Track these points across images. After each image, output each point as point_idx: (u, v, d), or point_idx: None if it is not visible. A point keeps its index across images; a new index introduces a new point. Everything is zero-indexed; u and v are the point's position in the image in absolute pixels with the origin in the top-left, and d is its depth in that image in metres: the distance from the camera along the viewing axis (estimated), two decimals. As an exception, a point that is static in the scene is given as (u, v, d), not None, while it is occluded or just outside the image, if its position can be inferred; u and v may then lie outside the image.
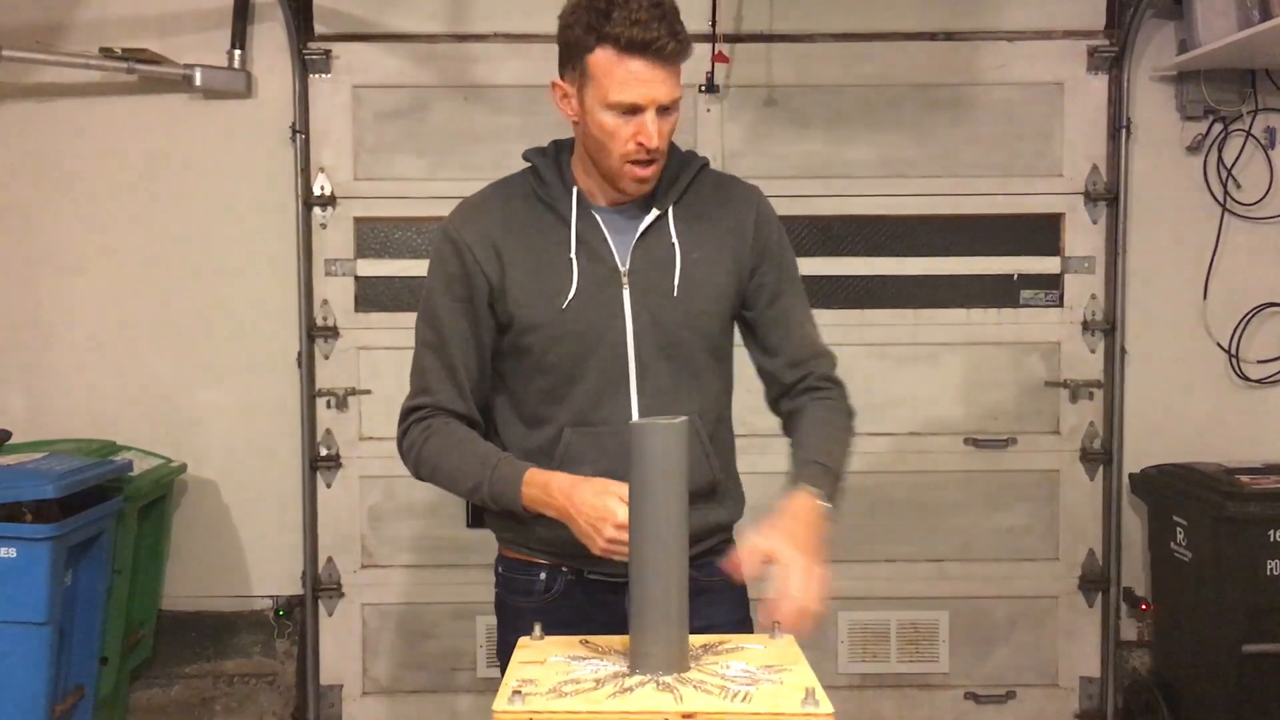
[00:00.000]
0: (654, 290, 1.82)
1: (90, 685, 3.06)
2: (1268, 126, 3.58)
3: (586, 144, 1.80)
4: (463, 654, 3.63)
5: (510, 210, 1.87)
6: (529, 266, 1.82)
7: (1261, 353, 3.64)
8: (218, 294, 3.58)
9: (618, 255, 1.83)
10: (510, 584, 1.97)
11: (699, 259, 1.85)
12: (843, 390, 1.94)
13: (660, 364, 1.83)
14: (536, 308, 1.81)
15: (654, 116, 1.72)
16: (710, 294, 1.86)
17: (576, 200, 1.83)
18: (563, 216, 1.83)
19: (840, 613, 3.61)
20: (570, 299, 1.80)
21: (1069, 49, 3.58)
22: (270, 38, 3.53)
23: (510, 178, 1.94)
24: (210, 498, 3.61)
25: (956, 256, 3.60)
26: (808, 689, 1.38)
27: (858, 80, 3.56)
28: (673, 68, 1.72)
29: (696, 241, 1.86)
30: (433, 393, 1.87)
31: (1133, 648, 3.66)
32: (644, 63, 1.69)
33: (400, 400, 3.71)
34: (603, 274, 1.82)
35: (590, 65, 1.72)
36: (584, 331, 1.81)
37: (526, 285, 1.82)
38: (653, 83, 1.70)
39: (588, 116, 1.76)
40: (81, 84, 3.51)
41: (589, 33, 1.71)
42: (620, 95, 1.70)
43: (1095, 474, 3.65)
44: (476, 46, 3.55)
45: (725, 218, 1.89)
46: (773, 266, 1.91)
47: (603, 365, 1.82)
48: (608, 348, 1.81)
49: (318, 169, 3.55)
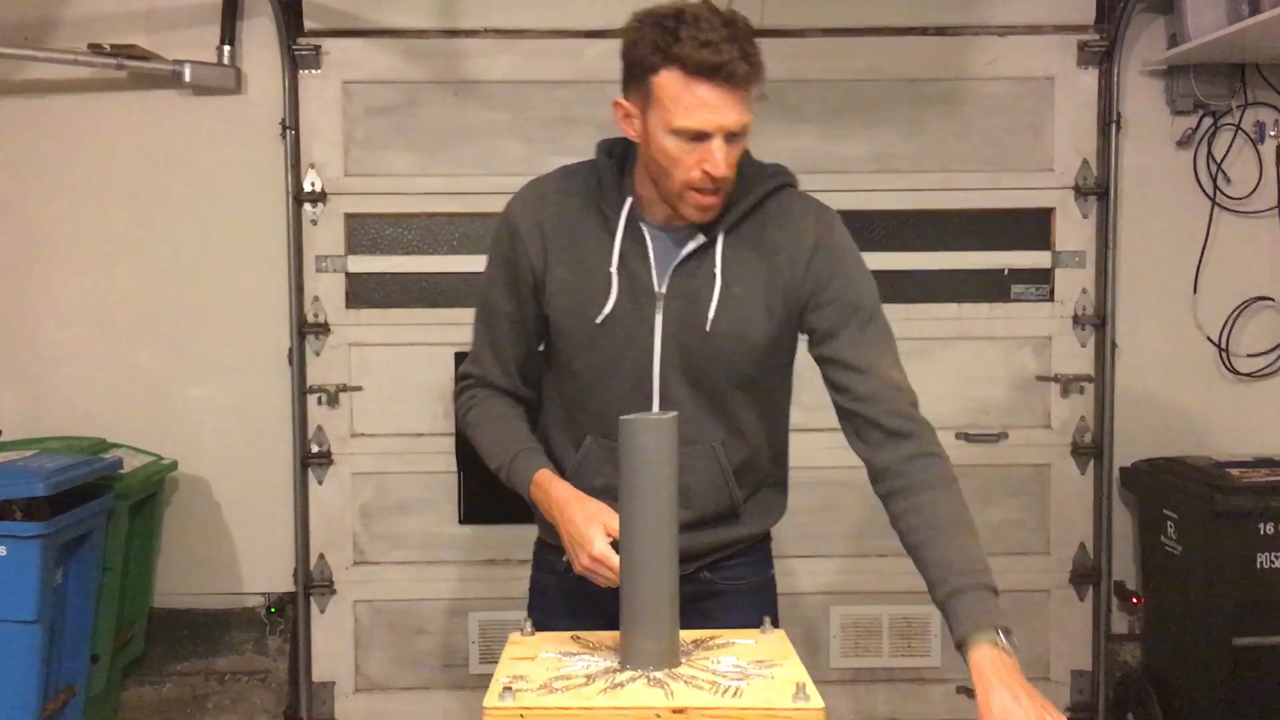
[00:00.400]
0: (686, 319, 1.75)
1: (81, 683, 3.05)
2: (1257, 121, 3.59)
3: (649, 166, 1.72)
4: (455, 650, 3.63)
5: (567, 206, 1.81)
6: (570, 270, 1.79)
7: (1251, 346, 3.65)
8: (208, 291, 3.57)
9: (656, 276, 1.76)
10: (540, 562, 2.01)
11: (740, 293, 1.75)
12: (932, 437, 1.76)
13: (684, 390, 1.78)
14: (569, 313, 1.79)
15: (721, 144, 1.62)
16: (745, 332, 1.76)
17: (628, 212, 1.76)
18: (610, 227, 1.77)
19: (832, 607, 3.62)
20: (605, 314, 1.76)
21: (1059, 43, 3.58)
22: (260, 33, 3.52)
23: (578, 167, 1.87)
24: (202, 495, 3.60)
25: (948, 251, 3.60)
26: (798, 684, 1.38)
27: (849, 75, 3.56)
28: (744, 91, 1.62)
29: (741, 274, 1.76)
30: (480, 364, 1.91)
31: (1124, 641, 3.67)
32: (712, 87, 1.59)
33: (391, 397, 3.72)
34: (638, 293, 1.76)
35: (655, 87, 1.62)
36: (611, 347, 1.77)
37: (564, 288, 1.79)
38: (721, 109, 1.60)
39: (651, 140, 1.67)
40: (70, 80, 3.49)
41: (655, 52, 1.60)
42: (686, 121, 1.61)
43: (1086, 468, 3.66)
44: (467, 42, 3.54)
45: (780, 251, 1.77)
46: (834, 304, 1.77)
47: (626, 384, 1.78)
48: (633, 366, 1.78)
49: (308, 165, 3.54)
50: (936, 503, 1.69)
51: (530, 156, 3.53)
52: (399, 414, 3.59)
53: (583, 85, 3.51)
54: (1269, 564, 3.07)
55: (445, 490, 3.58)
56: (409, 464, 3.59)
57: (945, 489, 1.71)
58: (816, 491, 3.44)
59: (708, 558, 1.88)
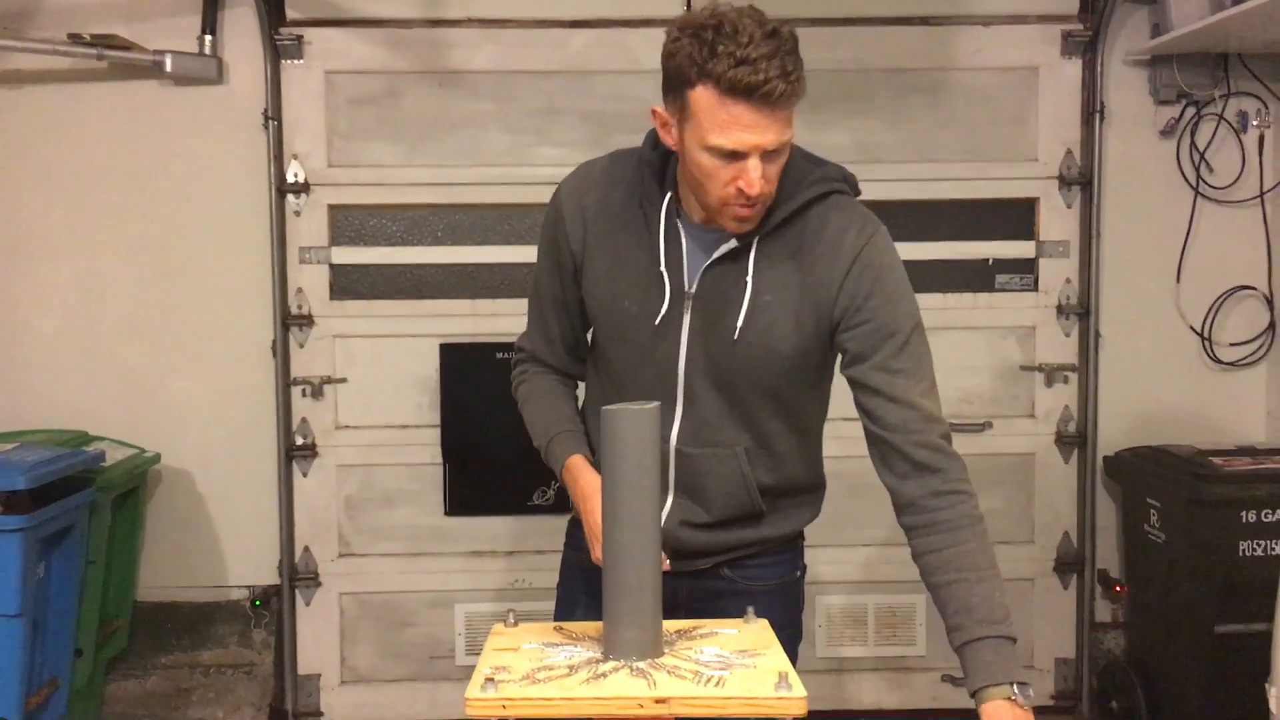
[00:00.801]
0: (714, 324, 1.72)
1: (65, 677, 3.04)
2: (1240, 110, 3.60)
3: (686, 176, 1.68)
4: (441, 642, 3.62)
5: (612, 195, 1.78)
6: (607, 260, 1.78)
7: (1234, 335, 3.66)
8: (191, 283, 3.55)
9: (688, 275, 1.73)
10: (573, 539, 2.00)
11: (770, 303, 1.70)
12: (962, 473, 1.71)
13: (709, 394, 1.75)
14: (603, 303, 1.79)
15: (757, 163, 1.56)
16: (772, 344, 1.71)
17: (666, 209, 1.72)
18: (649, 222, 1.74)
19: (818, 597, 3.62)
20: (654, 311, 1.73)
21: (1043, 33, 3.58)
22: (241, 23, 3.50)
23: (628, 154, 1.81)
24: (185, 488, 3.59)
25: (932, 241, 3.60)
26: (781, 673, 1.38)
27: (833, 65, 3.55)
28: (783, 110, 1.55)
29: (774, 282, 1.70)
30: (531, 340, 1.95)
31: (1107, 629, 3.69)
32: (749, 107, 1.52)
33: (376, 389, 3.71)
34: (670, 292, 1.73)
35: (691, 101, 1.56)
36: (641, 342, 1.77)
37: (600, 277, 1.79)
38: (758, 129, 1.54)
39: (687, 154, 1.62)
40: (50, 71, 3.47)
41: (691, 66, 1.54)
42: (720, 140, 1.55)
43: (1070, 457, 3.67)
44: (451, 32, 3.52)
45: (815, 265, 1.71)
46: (868, 329, 1.70)
47: (652, 380, 1.77)
48: (659, 364, 1.76)
49: (291, 156, 3.52)
50: (960, 544, 1.67)
51: (514, 147, 3.52)
52: (384, 406, 3.58)
53: (567, 75, 3.51)
54: (1251, 552, 3.09)
55: (431, 482, 3.58)
56: (394, 456, 3.58)
57: (971, 530, 1.68)
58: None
59: (729, 554, 1.87)
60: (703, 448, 1.75)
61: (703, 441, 1.76)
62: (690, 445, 1.77)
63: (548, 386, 1.93)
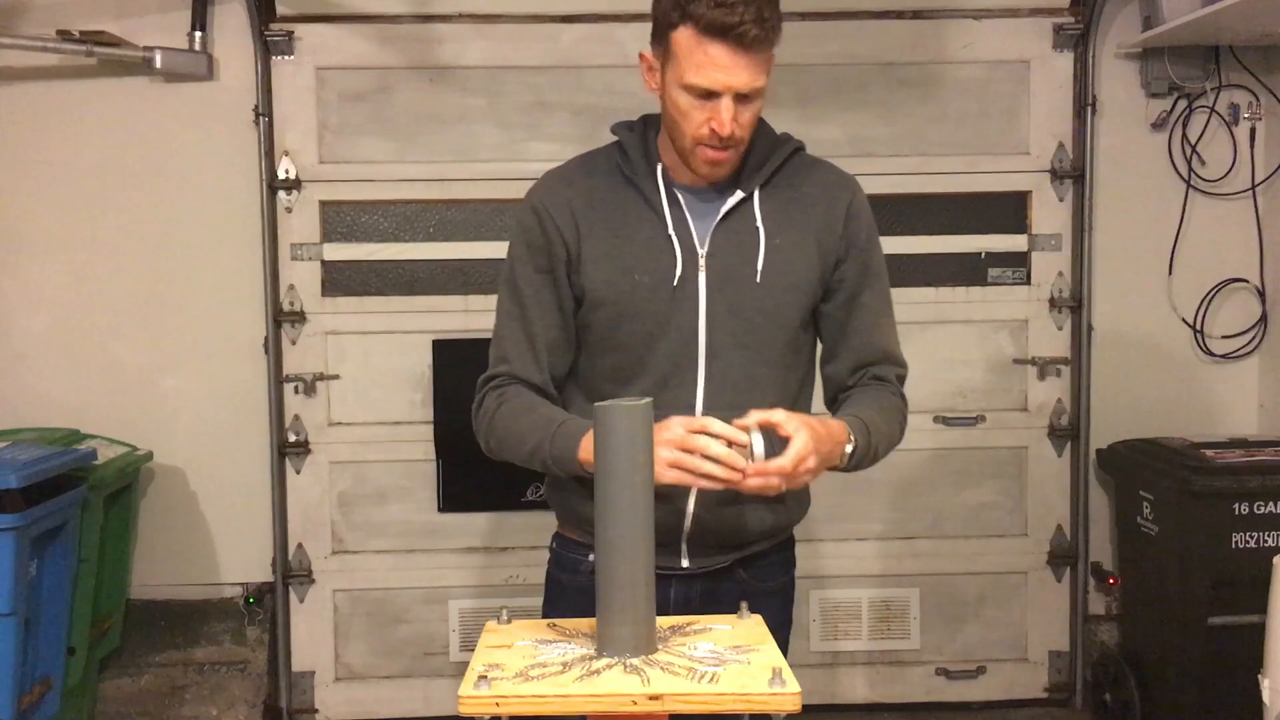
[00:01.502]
0: (734, 275, 1.77)
1: (58, 676, 3.03)
2: (1231, 103, 3.60)
3: (665, 120, 1.76)
4: (435, 638, 3.62)
5: (593, 184, 1.82)
6: (607, 239, 1.78)
7: (1225, 328, 3.67)
8: (182, 280, 3.54)
9: (697, 237, 1.77)
10: (561, 560, 1.95)
11: (782, 244, 1.78)
12: (899, 391, 1.87)
13: (733, 353, 1.78)
14: (610, 282, 1.78)
15: (729, 104, 1.65)
16: (793, 282, 1.79)
17: (662, 178, 1.79)
18: (645, 194, 1.79)
19: (812, 591, 3.63)
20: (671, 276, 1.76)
21: (1034, 27, 3.58)
22: (231, 19, 3.48)
23: (595, 152, 1.88)
24: (178, 485, 3.58)
25: (924, 235, 3.61)
26: (775, 669, 1.38)
27: (825, 59, 3.55)
28: (756, 54, 1.63)
29: (781, 226, 1.79)
30: (510, 361, 1.82)
31: (1101, 621, 3.70)
32: (724, 47, 1.61)
33: (369, 386, 3.70)
34: (681, 255, 1.77)
35: (673, 42, 1.66)
36: (656, 312, 1.77)
37: (602, 257, 1.78)
38: (731, 69, 1.63)
39: (666, 94, 1.71)
40: (39, 67, 3.45)
41: (675, 8, 1.64)
42: (695, 78, 1.64)
43: (1063, 450, 3.68)
44: (441, 27, 3.51)
45: (816, 204, 1.82)
46: (857, 262, 1.83)
47: (672, 349, 1.77)
48: (678, 331, 1.77)
49: (282, 152, 3.51)
50: (866, 390, 1.85)
51: (506, 142, 3.51)
52: (376, 402, 3.58)
53: (558, 70, 3.50)
54: (1243, 544, 3.10)
55: (424, 478, 3.57)
56: (387, 452, 3.58)
57: (878, 390, 1.84)
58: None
59: (747, 548, 1.87)
60: (729, 410, 1.73)
61: (729, 403, 1.75)
62: (717, 407, 1.75)
63: (538, 400, 1.80)
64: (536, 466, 1.76)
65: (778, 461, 1.57)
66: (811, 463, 1.59)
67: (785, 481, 1.59)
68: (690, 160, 1.74)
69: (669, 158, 1.80)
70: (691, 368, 1.78)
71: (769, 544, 1.90)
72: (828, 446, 1.66)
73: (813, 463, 1.60)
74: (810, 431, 1.60)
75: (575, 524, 1.90)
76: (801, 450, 1.57)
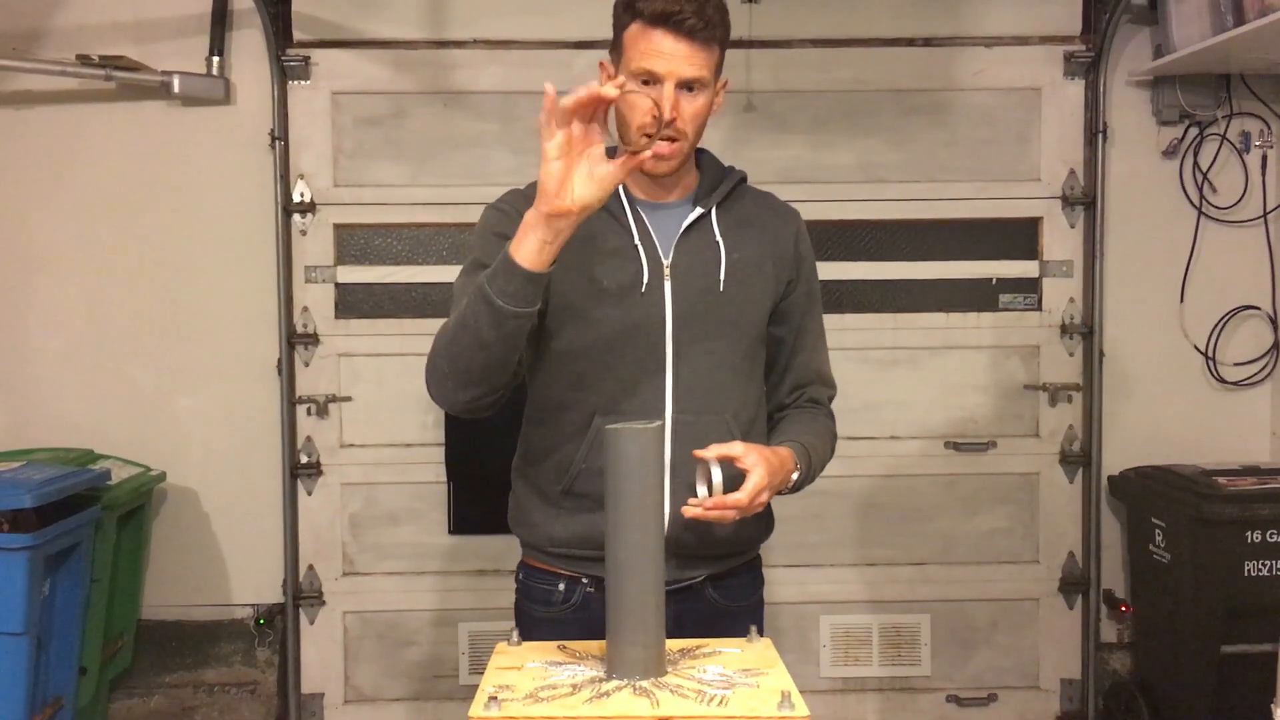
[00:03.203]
0: (697, 284, 1.84)
1: (69, 696, 3.04)
2: (1243, 131, 3.61)
3: (617, 121, 1.78)
4: (445, 661, 3.62)
5: None
6: (571, 251, 1.74)
7: (1238, 355, 3.66)
8: (197, 301, 3.56)
9: (661, 247, 1.84)
10: (530, 592, 1.94)
11: (740, 260, 1.86)
12: (830, 414, 2.00)
13: (700, 358, 1.83)
14: (576, 289, 1.80)
15: (671, 90, 1.73)
16: (752, 294, 1.88)
17: (623, 192, 1.84)
18: (608, 207, 1.81)
19: (822, 616, 3.62)
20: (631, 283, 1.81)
21: (1045, 54, 3.60)
22: (249, 44, 3.52)
23: None
24: (190, 506, 3.60)
25: (935, 261, 3.61)
26: (784, 692, 1.38)
27: (836, 86, 3.57)
28: (697, 45, 1.73)
29: (738, 243, 1.87)
30: None
31: (1113, 649, 3.68)
32: (667, 34, 1.72)
33: (380, 408, 3.71)
34: (647, 263, 1.82)
35: (624, 40, 1.77)
36: (623, 318, 1.81)
37: (568, 269, 1.77)
38: (673, 56, 1.72)
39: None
40: (58, 91, 3.49)
41: (626, 10, 1.76)
42: (640, 63, 1.74)
43: (1075, 477, 3.67)
44: (456, 53, 3.55)
45: (767, 227, 1.93)
46: (804, 287, 1.95)
47: (639, 355, 1.81)
48: (644, 337, 1.81)
49: (297, 175, 3.54)
50: (798, 414, 1.95)
51: (519, 167, 3.54)
52: (388, 424, 3.59)
53: (571, 96, 3.52)
54: (1256, 572, 3.08)
55: (435, 500, 3.58)
56: (398, 474, 3.58)
57: (810, 415, 1.95)
58: (806, 501, 3.39)
59: (716, 563, 1.88)
60: (698, 415, 1.80)
61: (698, 408, 1.81)
62: (687, 412, 1.81)
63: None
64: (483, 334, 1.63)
65: (735, 497, 1.66)
66: (765, 496, 1.71)
67: (741, 514, 1.68)
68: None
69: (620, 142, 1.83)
70: (659, 372, 1.81)
71: (737, 562, 1.92)
72: (779, 477, 1.76)
73: (765, 496, 1.71)
74: (766, 465, 1.71)
75: (544, 548, 1.89)
76: (758, 484, 1.68)
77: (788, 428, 1.92)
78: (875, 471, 3.62)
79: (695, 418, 1.81)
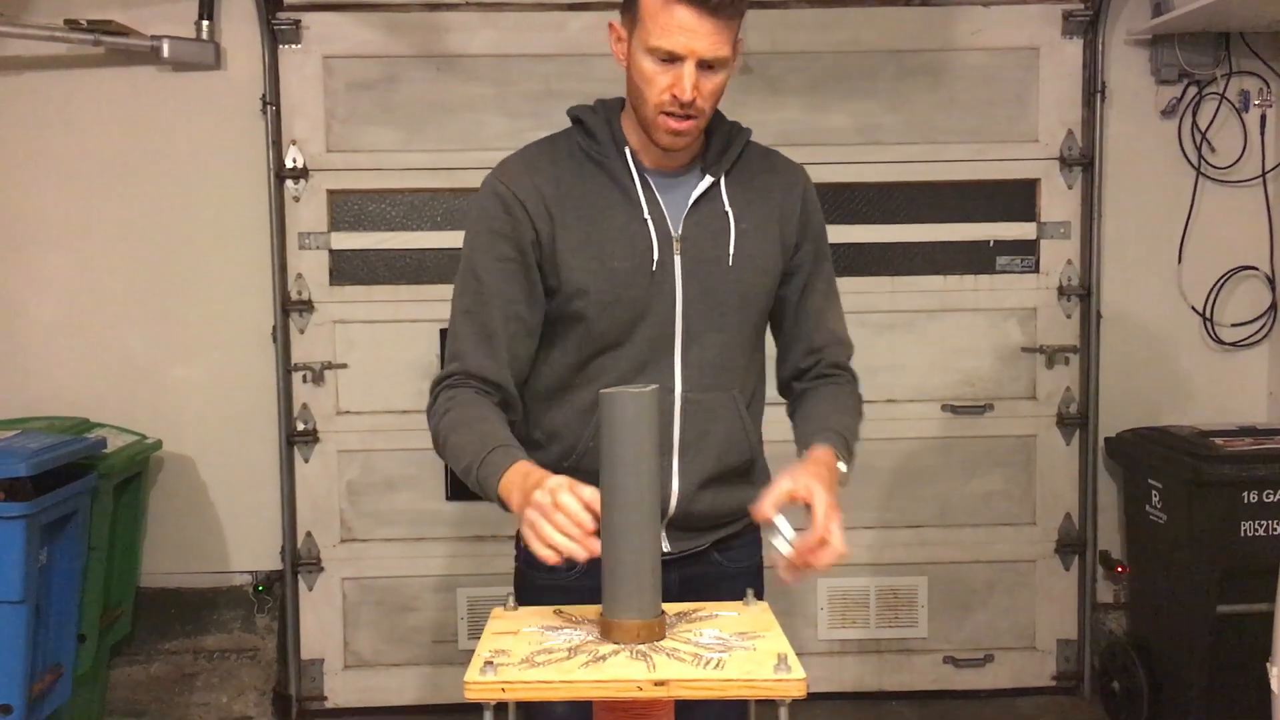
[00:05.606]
0: (707, 259, 1.78)
1: (68, 663, 3.05)
2: (1241, 90, 3.58)
3: (630, 92, 1.75)
4: (444, 626, 3.63)
5: (558, 170, 1.79)
6: (583, 227, 1.75)
7: (1235, 316, 3.66)
8: (190, 269, 3.55)
9: (670, 220, 1.78)
10: (531, 558, 1.88)
11: (749, 229, 1.81)
12: (854, 377, 1.93)
13: (709, 336, 1.79)
14: (589, 270, 1.75)
15: (692, 69, 1.65)
16: (761, 266, 1.82)
17: (632, 162, 1.77)
18: (615, 177, 1.77)
19: (820, 579, 3.63)
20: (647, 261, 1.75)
21: (1044, 13, 3.57)
22: (238, 8, 3.48)
23: (553, 136, 1.86)
24: (187, 474, 3.60)
25: (933, 223, 3.60)
26: (780, 655, 1.38)
27: (833, 47, 3.54)
28: (720, 21, 1.64)
29: (746, 212, 1.82)
30: (464, 359, 1.76)
31: (1109, 610, 3.70)
32: (690, 11, 1.62)
33: (376, 374, 3.70)
34: (657, 239, 1.76)
35: (641, 7, 1.67)
36: (635, 298, 1.76)
37: (578, 245, 1.75)
38: (695, 34, 1.63)
39: (632, 61, 1.71)
40: (47, 57, 3.46)
41: None
42: (659, 41, 1.65)
43: (1071, 439, 3.67)
44: (448, 15, 3.51)
45: (774, 190, 1.86)
46: (811, 247, 1.89)
47: (650, 333, 1.77)
48: (656, 314, 1.77)
49: (289, 141, 3.51)
50: (825, 390, 1.88)
51: (513, 131, 3.50)
52: (384, 391, 3.58)
53: (565, 58, 3.49)
54: (1252, 532, 3.09)
55: (432, 467, 3.58)
56: (395, 441, 3.58)
57: (835, 389, 1.88)
58: (803, 465, 3.45)
59: (722, 530, 1.88)
60: (706, 392, 1.77)
61: (706, 385, 1.78)
62: (695, 390, 1.78)
63: (481, 411, 1.72)
64: (472, 486, 1.67)
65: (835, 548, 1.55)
66: (836, 513, 1.58)
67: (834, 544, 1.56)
68: (652, 131, 1.72)
69: (634, 140, 1.79)
70: (669, 352, 1.78)
71: (741, 525, 1.90)
72: (829, 481, 1.65)
73: (836, 513, 1.58)
74: (822, 484, 1.60)
75: None
76: (825, 509, 1.57)
77: (814, 410, 1.85)
78: (873, 435, 3.57)
79: (704, 395, 1.78)
